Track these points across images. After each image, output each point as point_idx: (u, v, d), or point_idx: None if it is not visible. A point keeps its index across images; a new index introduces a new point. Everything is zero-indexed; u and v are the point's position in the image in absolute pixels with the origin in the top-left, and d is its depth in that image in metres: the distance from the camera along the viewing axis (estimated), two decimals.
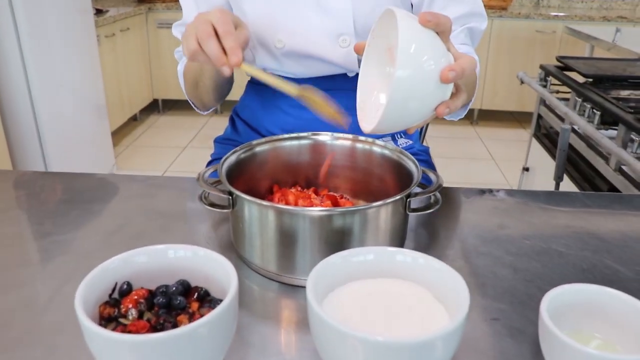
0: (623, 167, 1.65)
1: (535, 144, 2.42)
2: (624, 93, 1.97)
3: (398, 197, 0.62)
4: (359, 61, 0.97)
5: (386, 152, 0.75)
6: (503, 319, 0.60)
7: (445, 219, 0.81)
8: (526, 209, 0.85)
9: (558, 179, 1.69)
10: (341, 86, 1.00)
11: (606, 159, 1.73)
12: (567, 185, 1.85)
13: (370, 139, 0.77)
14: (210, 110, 1.08)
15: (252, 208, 0.63)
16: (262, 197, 0.79)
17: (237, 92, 1.07)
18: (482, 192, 0.90)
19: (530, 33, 3.99)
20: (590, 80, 2.05)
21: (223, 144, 1.15)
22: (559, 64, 2.30)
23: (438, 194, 0.68)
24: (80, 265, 0.69)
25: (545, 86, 2.25)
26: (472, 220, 0.81)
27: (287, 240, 0.62)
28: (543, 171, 2.33)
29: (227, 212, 0.67)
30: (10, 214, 0.81)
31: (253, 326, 0.59)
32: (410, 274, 0.52)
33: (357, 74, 1.00)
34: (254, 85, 1.08)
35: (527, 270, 0.69)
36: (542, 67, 2.32)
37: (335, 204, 0.74)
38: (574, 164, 1.89)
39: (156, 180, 0.94)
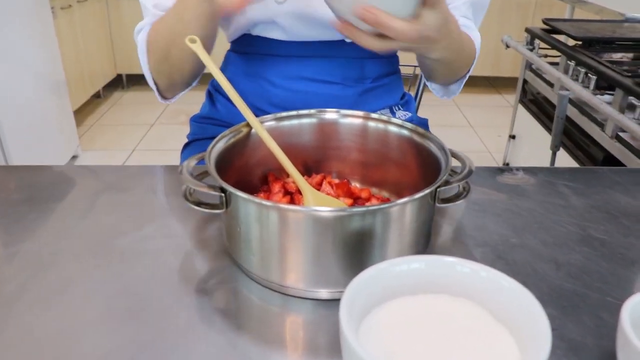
0: (620, 134, 1.57)
1: (521, 110, 2.34)
2: (616, 56, 1.89)
3: (428, 190, 0.51)
4: None
5: (405, 132, 0.64)
6: (558, 328, 0.50)
7: (466, 205, 0.71)
8: (553, 190, 0.75)
9: (555, 148, 1.61)
10: (337, 53, 0.89)
11: (601, 125, 1.66)
12: (561, 154, 1.78)
13: (385, 117, 0.66)
14: (177, 96, 0.90)
15: (250, 208, 0.52)
16: (256, 189, 0.68)
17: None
18: (501, 170, 0.80)
19: None
20: (579, 43, 1.97)
21: (201, 123, 1.03)
22: (545, 26, 2.20)
23: (468, 182, 0.57)
24: (42, 284, 0.57)
25: (532, 50, 2.16)
26: (497, 204, 0.71)
27: (294, 246, 0.51)
28: (531, 139, 2.25)
29: (218, 212, 0.55)
30: None
31: (252, 347, 0.49)
32: (465, 289, 0.41)
33: None
34: (236, 54, 0.96)
35: (570, 265, 0.60)
36: (527, 30, 2.22)
37: (349, 193, 0.63)
38: (566, 132, 1.81)
39: (127, 170, 0.82)
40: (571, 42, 2.00)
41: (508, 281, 0.39)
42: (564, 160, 1.79)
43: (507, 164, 2.43)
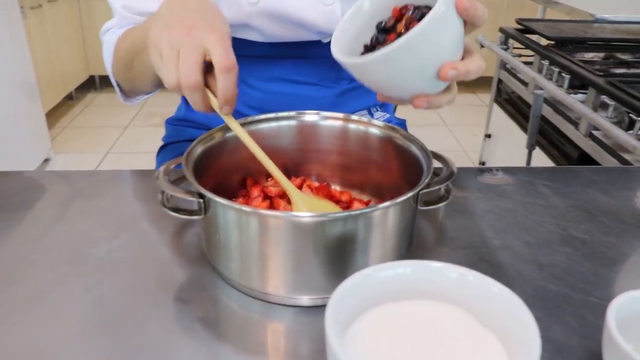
0: (594, 132, 1.59)
1: (496, 109, 2.36)
2: (588, 55, 1.92)
3: (410, 193, 0.50)
4: None
5: (386, 134, 0.63)
6: (542, 330, 0.50)
7: (447, 207, 0.70)
8: (532, 189, 0.75)
9: (531, 147, 1.62)
10: (314, 54, 0.88)
11: (575, 124, 1.67)
12: (536, 153, 1.79)
13: (365, 119, 0.65)
14: (139, 99, 0.90)
15: (230, 214, 0.50)
16: (234, 193, 0.66)
17: None
18: (481, 171, 0.80)
19: None
20: (552, 43, 1.99)
21: (177, 125, 1.01)
22: (518, 26, 2.22)
23: (450, 184, 0.57)
24: (12, 297, 0.55)
25: (506, 50, 2.17)
26: (478, 206, 0.71)
27: (275, 252, 0.50)
28: (506, 138, 2.27)
29: (196, 218, 0.54)
30: None
31: (233, 356, 0.48)
32: (452, 295, 0.41)
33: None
34: None
35: (553, 265, 0.60)
36: (501, 30, 2.24)
37: (329, 196, 0.62)
38: (541, 131, 1.83)
39: (99, 175, 0.79)
40: (544, 42, 2.02)
41: (496, 286, 0.39)
42: (540, 158, 1.81)
43: (483, 163, 2.45)
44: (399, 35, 0.55)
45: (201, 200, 0.52)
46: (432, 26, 0.48)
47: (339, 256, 0.50)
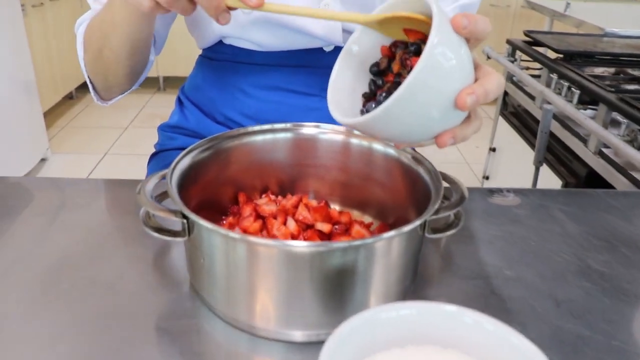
0: (604, 150, 1.54)
1: (502, 122, 2.31)
2: (598, 70, 1.87)
3: (418, 222, 0.45)
4: (344, 31, 0.80)
5: (391, 151, 0.58)
6: None
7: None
8: (546, 214, 0.70)
9: (539, 164, 1.57)
10: (316, 63, 0.82)
11: (584, 140, 1.62)
12: (542, 169, 1.74)
13: None
14: (114, 99, 0.85)
15: (215, 239, 0.45)
16: (225, 209, 0.61)
17: (185, 69, 0.87)
18: (491, 192, 0.75)
19: (483, 7, 3.88)
20: (560, 56, 1.94)
21: (169, 132, 0.96)
22: (526, 38, 2.18)
23: (460, 210, 0.52)
24: None
25: (513, 62, 2.13)
26: (488, 231, 0.66)
27: (265, 283, 0.45)
28: (511, 152, 2.22)
29: (180, 240, 0.49)
30: None
31: None
32: (465, 344, 0.35)
33: (335, 48, 0.83)
34: (207, 59, 0.89)
35: (570, 301, 0.54)
36: (509, 42, 2.19)
37: (328, 217, 0.57)
38: (548, 146, 1.77)
39: (89, 184, 0.74)
40: (552, 55, 1.98)
41: (518, 338, 0.33)
42: (546, 175, 1.76)
43: (487, 177, 2.40)
44: (397, 75, 0.50)
45: (185, 221, 0.47)
46: (430, 63, 0.42)
47: (337, 289, 0.45)
